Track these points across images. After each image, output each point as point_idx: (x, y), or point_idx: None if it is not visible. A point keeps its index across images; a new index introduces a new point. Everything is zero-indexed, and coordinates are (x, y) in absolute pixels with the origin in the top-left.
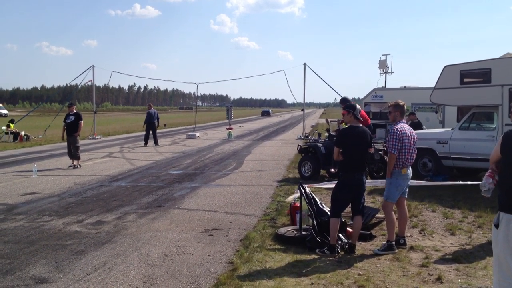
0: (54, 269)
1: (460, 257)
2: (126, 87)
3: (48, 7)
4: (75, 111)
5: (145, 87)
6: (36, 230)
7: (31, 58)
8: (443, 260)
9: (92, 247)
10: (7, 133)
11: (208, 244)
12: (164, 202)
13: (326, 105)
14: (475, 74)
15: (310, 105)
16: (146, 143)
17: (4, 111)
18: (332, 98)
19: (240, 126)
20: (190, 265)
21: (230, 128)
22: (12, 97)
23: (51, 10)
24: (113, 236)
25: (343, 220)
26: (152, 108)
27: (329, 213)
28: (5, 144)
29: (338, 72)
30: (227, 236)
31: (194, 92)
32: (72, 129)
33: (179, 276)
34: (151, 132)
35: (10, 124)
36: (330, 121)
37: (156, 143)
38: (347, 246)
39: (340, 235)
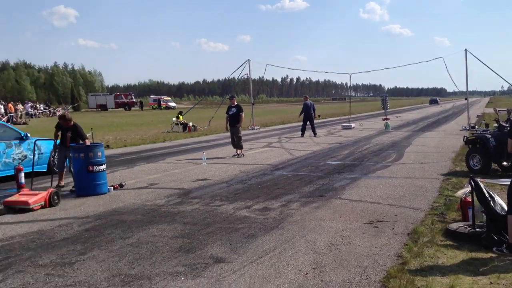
0: (229, 250)
1: None
2: (279, 79)
3: (204, 5)
4: (236, 103)
5: (297, 79)
6: (210, 214)
7: (192, 54)
8: None
9: (262, 231)
10: (177, 124)
11: (373, 236)
12: (325, 192)
13: (491, 93)
14: None
15: (474, 93)
16: (303, 134)
17: (173, 104)
18: (498, 85)
19: (397, 117)
20: (357, 255)
21: (387, 119)
22: (178, 91)
23: (207, 8)
24: (280, 223)
25: None
26: (308, 99)
27: (505, 210)
28: (176, 134)
29: (505, 57)
30: (393, 229)
31: (346, 83)
32: (234, 120)
33: (347, 266)
34: (308, 122)
35: (179, 115)
36: (499, 110)
37: (314, 133)
38: None
39: None
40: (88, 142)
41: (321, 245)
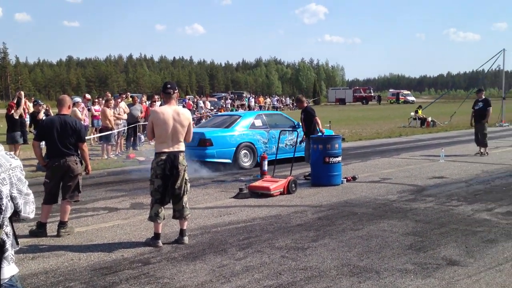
0: (464, 253)
1: None
2: None
3: None
4: (483, 97)
5: None
6: (445, 213)
7: (438, 45)
8: None
9: (503, 237)
10: (415, 119)
11: None
12: None
13: None
14: None
15: None
16: None
17: (412, 98)
18: None
19: None
20: None
21: None
22: (419, 85)
23: None
24: None
25: None
26: None
27: None
28: (413, 129)
29: None
30: None
31: None
32: (480, 115)
33: None
34: None
35: (418, 110)
36: None
37: None
38: None
39: None
40: (319, 122)
41: None
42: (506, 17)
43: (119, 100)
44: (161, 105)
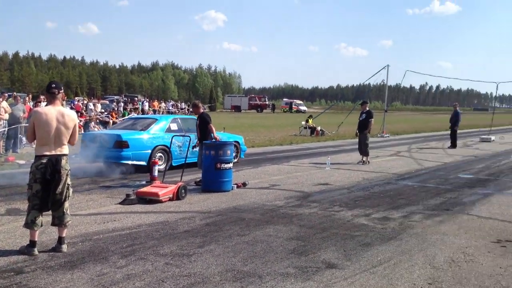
0: (342, 256)
1: None
2: (417, 87)
3: (347, 9)
4: (367, 109)
5: (437, 87)
6: (328, 219)
7: (329, 58)
8: None
9: (378, 241)
10: (305, 128)
11: (500, 256)
12: (452, 206)
13: None
14: None
15: None
16: (454, 145)
17: (304, 108)
18: None
19: None
20: (478, 274)
21: None
22: (311, 95)
23: (350, 12)
24: (399, 234)
25: None
26: (458, 108)
27: None
28: (304, 137)
29: None
30: None
31: (491, 92)
32: (363, 126)
33: (466, 284)
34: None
35: (309, 119)
36: None
37: (454, 145)
38: None
39: None
40: (213, 130)
41: (441, 261)
42: (392, 35)
43: (0, 99)
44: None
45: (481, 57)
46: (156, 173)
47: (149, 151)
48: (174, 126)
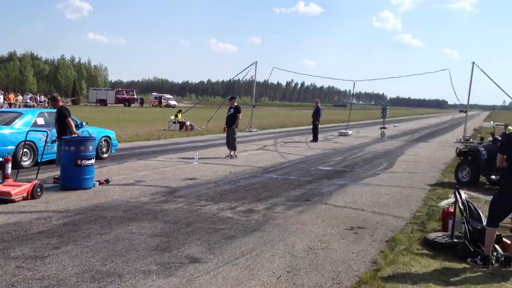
0: (206, 250)
1: None
2: (284, 83)
3: (217, 5)
4: (235, 104)
5: (302, 84)
6: (193, 213)
7: (200, 54)
8: None
9: (242, 233)
10: (174, 122)
11: (352, 242)
12: (311, 196)
13: (492, 108)
14: None
15: (474, 107)
16: (316, 139)
17: (174, 102)
18: (500, 100)
19: (394, 126)
20: (333, 260)
21: (384, 128)
22: (181, 90)
23: (220, 8)
24: (262, 225)
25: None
26: (319, 104)
27: (485, 222)
28: (173, 132)
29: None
30: (372, 235)
31: (350, 90)
32: (230, 121)
33: (321, 270)
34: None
35: (178, 114)
36: (496, 124)
37: (315, 139)
38: (502, 258)
39: (496, 246)
40: (72, 124)
41: (299, 249)
42: (260, 33)
43: None
44: None
45: (340, 56)
46: (9, 171)
47: (14, 147)
48: (41, 121)
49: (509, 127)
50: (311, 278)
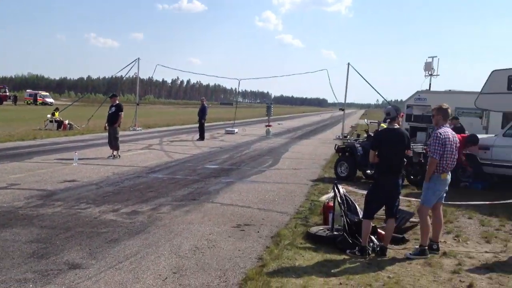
0: (87, 255)
1: (494, 265)
2: (169, 81)
3: None
4: (117, 102)
5: (188, 81)
6: (73, 217)
7: (79, 49)
8: (476, 267)
9: (126, 236)
10: (51, 121)
11: (239, 239)
12: (198, 195)
13: (367, 106)
14: None
15: (351, 105)
16: (202, 137)
17: (50, 100)
18: (374, 99)
19: (279, 124)
20: (220, 258)
21: (269, 126)
22: (59, 87)
23: (99, 1)
24: (147, 227)
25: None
26: (205, 102)
27: (361, 215)
28: (49, 132)
29: (382, 73)
30: (258, 232)
31: (235, 88)
32: (112, 119)
33: (208, 269)
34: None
35: (55, 112)
36: (370, 122)
37: (202, 138)
38: (378, 249)
39: (372, 237)
40: None
41: (186, 249)
42: (143, 28)
43: None
44: None
45: (226, 54)
46: None
47: None
48: None
49: (382, 125)
50: (198, 278)
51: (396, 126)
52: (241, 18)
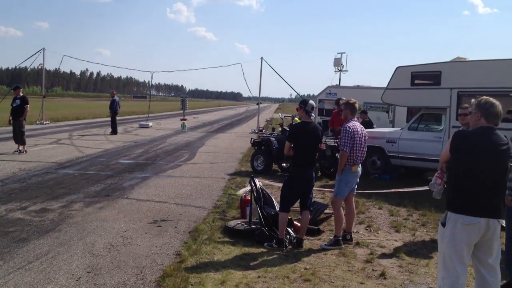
0: None
1: (404, 254)
2: (78, 73)
3: None
4: (21, 94)
5: (98, 73)
6: None
7: None
8: (387, 256)
9: (35, 235)
10: None
11: (156, 236)
12: (112, 191)
13: (281, 100)
14: (425, 76)
15: (266, 99)
16: (115, 131)
17: None
18: (287, 93)
19: (194, 118)
20: (136, 256)
21: (184, 119)
22: None
23: None
24: (58, 225)
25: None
26: (116, 95)
27: (278, 208)
28: None
29: (295, 68)
30: (175, 227)
31: (148, 81)
32: (17, 113)
33: (124, 267)
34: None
35: None
36: (284, 116)
37: (115, 132)
38: (295, 241)
39: (289, 229)
40: None
41: (100, 247)
42: (48, 17)
43: None
44: None
45: (137, 46)
46: None
47: None
48: None
49: (296, 118)
50: (113, 276)
51: (311, 120)
52: (151, 9)
